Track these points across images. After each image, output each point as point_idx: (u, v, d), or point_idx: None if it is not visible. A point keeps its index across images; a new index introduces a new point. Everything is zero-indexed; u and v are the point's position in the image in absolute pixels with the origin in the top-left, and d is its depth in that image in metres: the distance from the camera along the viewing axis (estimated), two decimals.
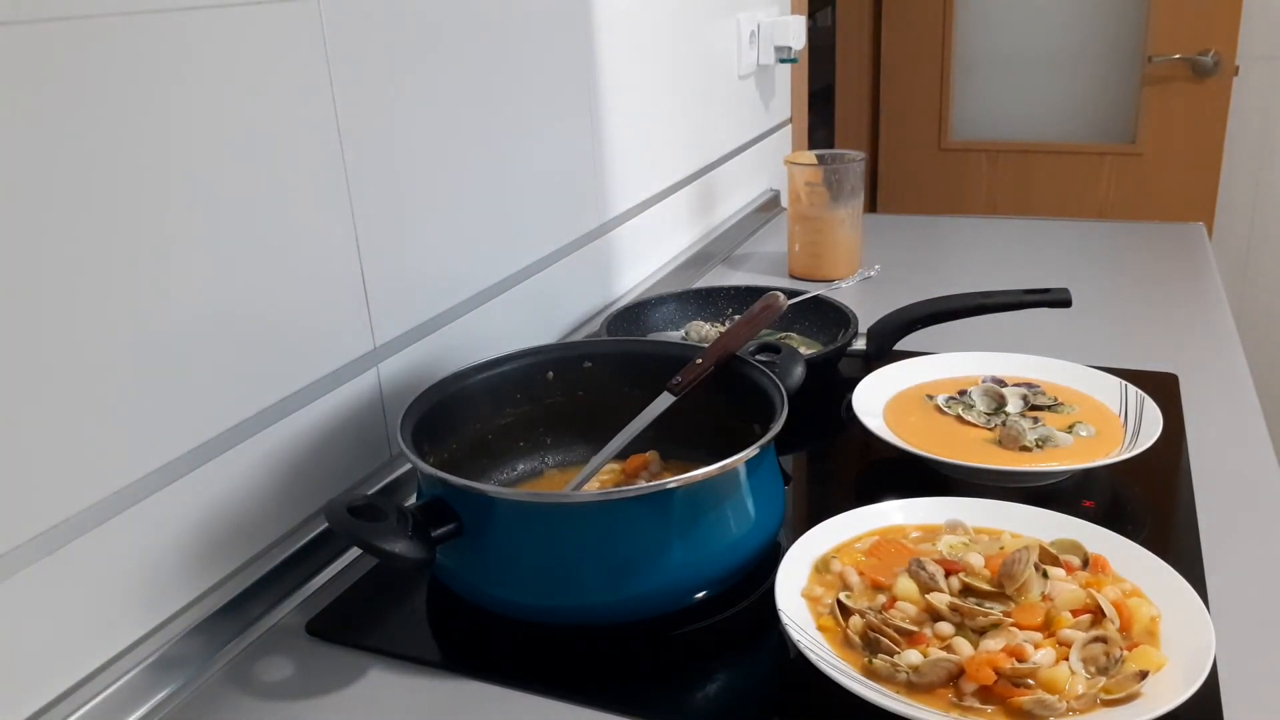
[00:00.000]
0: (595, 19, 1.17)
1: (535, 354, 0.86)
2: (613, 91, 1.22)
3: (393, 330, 0.87)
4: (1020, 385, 0.94)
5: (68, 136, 0.58)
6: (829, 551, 0.71)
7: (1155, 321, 1.19)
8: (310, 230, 0.77)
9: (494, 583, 0.68)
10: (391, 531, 0.63)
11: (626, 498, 0.65)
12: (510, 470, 0.86)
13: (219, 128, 0.68)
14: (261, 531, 0.75)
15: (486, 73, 0.97)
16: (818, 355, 1.00)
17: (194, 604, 0.70)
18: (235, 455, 0.72)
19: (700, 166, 1.54)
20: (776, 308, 0.84)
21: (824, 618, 0.65)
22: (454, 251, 0.94)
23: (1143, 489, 0.84)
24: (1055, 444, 0.85)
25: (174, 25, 0.64)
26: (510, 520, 0.67)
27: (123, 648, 0.65)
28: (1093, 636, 0.60)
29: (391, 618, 0.73)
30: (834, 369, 1.05)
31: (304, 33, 0.74)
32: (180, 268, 0.66)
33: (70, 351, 0.59)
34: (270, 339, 0.74)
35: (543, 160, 1.08)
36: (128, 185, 0.62)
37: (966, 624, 0.62)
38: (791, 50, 1.74)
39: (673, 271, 1.40)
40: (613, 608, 0.67)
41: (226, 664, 0.68)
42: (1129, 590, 0.65)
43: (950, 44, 2.67)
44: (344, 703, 0.64)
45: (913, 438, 0.87)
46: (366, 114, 0.81)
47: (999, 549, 0.69)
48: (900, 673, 0.59)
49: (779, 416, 0.71)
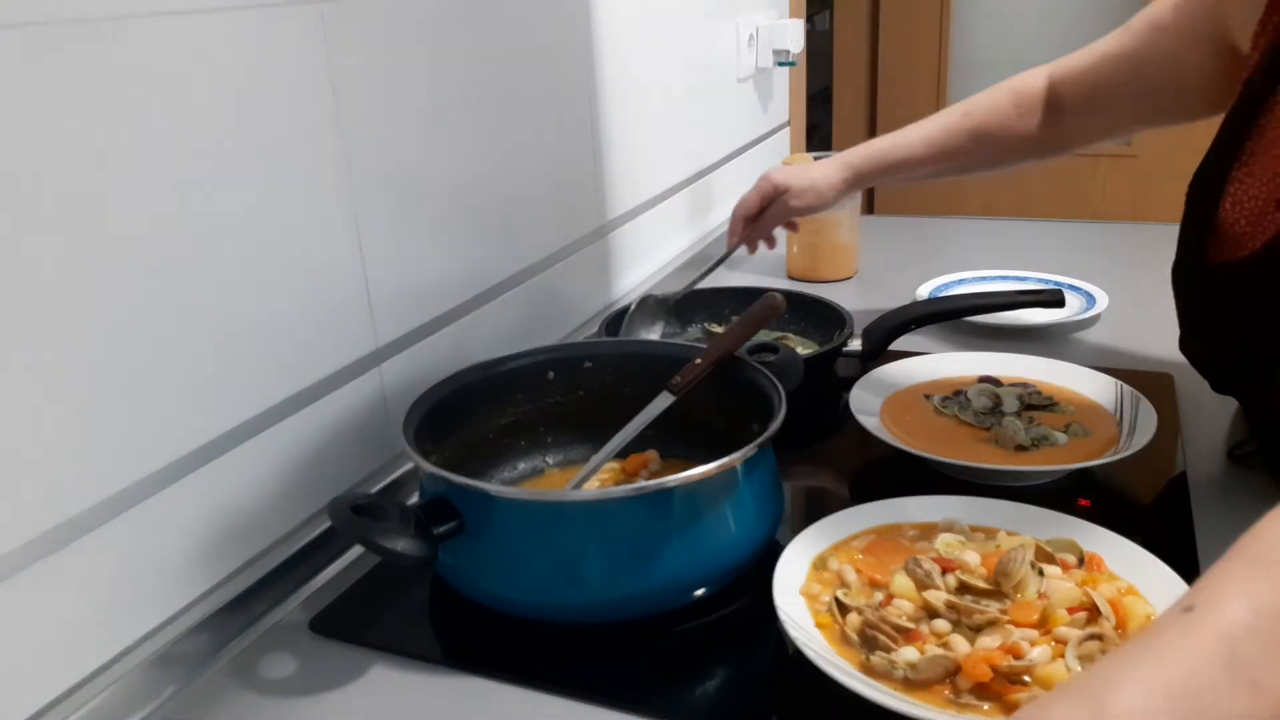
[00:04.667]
0: (595, 23, 1.17)
1: (536, 354, 0.87)
2: (613, 94, 1.23)
3: (395, 330, 0.87)
4: (1016, 385, 0.95)
5: (68, 138, 0.59)
6: (827, 550, 0.72)
7: (1151, 322, 1.19)
8: (313, 231, 0.77)
9: (495, 580, 0.68)
10: (394, 530, 0.64)
11: (626, 497, 0.66)
12: (511, 469, 0.87)
13: (220, 129, 0.68)
14: (265, 530, 0.76)
15: (487, 75, 0.97)
16: (814, 355, 1.01)
17: (198, 601, 0.70)
18: (239, 454, 0.72)
19: (699, 168, 1.55)
20: (776, 308, 0.84)
21: (822, 615, 0.65)
22: (455, 252, 0.95)
23: (1138, 488, 0.84)
24: (1051, 443, 0.86)
25: (174, 27, 0.64)
26: (511, 519, 0.67)
27: (126, 645, 0.65)
28: (1088, 634, 0.60)
29: (394, 615, 0.73)
30: (830, 369, 1.06)
31: (304, 33, 0.75)
32: (182, 268, 0.67)
33: (72, 351, 0.60)
34: (273, 339, 0.75)
35: (543, 161, 1.09)
36: (128, 186, 0.62)
37: (963, 621, 0.63)
38: (790, 53, 1.74)
39: (673, 272, 1.41)
40: (613, 605, 0.68)
41: (230, 661, 0.69)
42: (1124, 588, 0.66)
43: (947, 46, 2.68)
44: (347, 699, 0.65)
45: (910, 437, 0.87)
46: (367, 114, 0.82)
47: (995, 547, 0.70)
48: (897, 670, 0.60)
49: (777, 416, 0.72)
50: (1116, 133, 1.08)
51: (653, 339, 1.11)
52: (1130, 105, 0.99)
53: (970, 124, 1.07)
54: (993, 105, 1.07)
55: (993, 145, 1.07)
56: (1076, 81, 1.01)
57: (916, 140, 1.10)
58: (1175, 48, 0.91)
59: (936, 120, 1.10)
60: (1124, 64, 0.96)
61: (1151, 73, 0.94)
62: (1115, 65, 0.97)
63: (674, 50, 1.41)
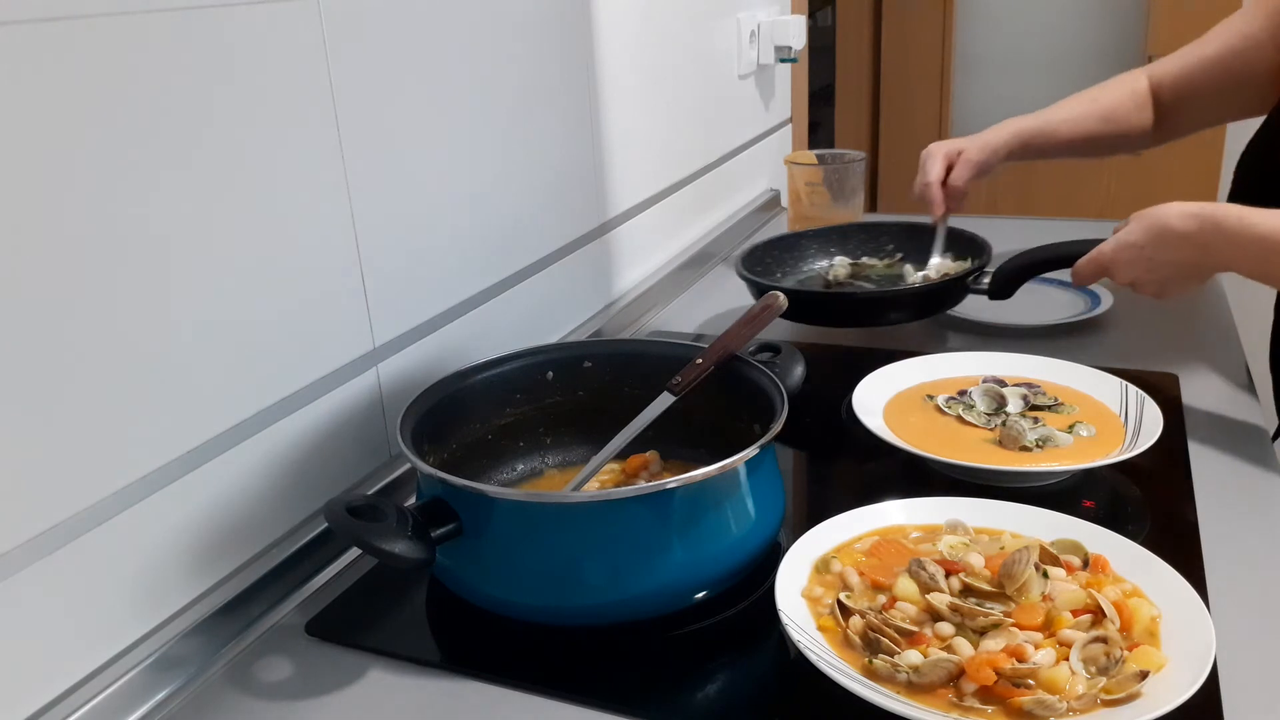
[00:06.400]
0: (595, 20, 1.17)
1: (535, 354, 0.86)
2: (613, 91, 1.22)
3: (392, 330, 0.87)
4: (1020, 385, 0.94)
5: (65, 138, 0.58)
6: (829, 552, 0.71)
7: (1155, 321, 1.19)
8: (310, 230, 0.77)
9: (494, 583, 0.68)
10: (391, 532, 0.63)
11: (626, 498, 0.65)
12: (510, 470, 0.86)
13: (219, 128, 0.68)
14: (261, 531, 0.75)
15: (486, 72, 0.97)
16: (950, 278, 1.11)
17: (194, 604, 0.70)
18: (235, 455, 0.72)
19: (700, 166, 1.54)
20: (776, 308, 0.84)
21: (824, 618, 0.65)
22: (453, 251, 0.94)
23: (1143, 489, 0.84)
24: (1055, 444, 0.85)
25: (173, 25, 0.64)
26: (510, 520, 0.67)
27: (123, 648, 0.65)
28: (1093, 637, 0.60)
29: (391, 618, 0.73)
30: (955, 297, 1.12)
31: (304, 33, 0.74)
32: (180, 268, 0.66)
33: (69, 352, 0.59)
34: (270, 339, 0.74)
35: (543, 159, 1.08)
36: (127, 186, 0.62)
37: (967, 624, 0.62)
38: (791, 50, 1.74)
39: (673, 271, 1.40)
40: (613, 608, 0.67)
41: (226, 664, 0.68)
42: (1129, 590, 0.65)
43: (950, 44, 2.67)
44: (343, 703, 0.64)
45: (913, 438, 0.86)
46: (366, 114, 0.81)
47: (999, 549, 0.69)
48: (900, 673, 0.59)
49: (779, 416, 0.71)
50: (1200, 128, 1.24)
51: (663, 338, 1.13)
52: (1216, 103, 1.16)
53: (1099, 109, 1.21)
54: (1115, 95, 1.21)
55: (1114, 131, 1.21)
56: (1172, 82, 1.18)
57: (1057, 119, 1.23)
58: (1257, 53, 1.09)
59: (1070, 102, 1.24)
60: (1213, 68, 1.14)
61: (1236, 73, 1.12)
62: (1205, 68, 1.15)
63: (675, 47, 1.40)
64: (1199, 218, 0.88)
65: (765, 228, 1.72)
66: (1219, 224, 0.87)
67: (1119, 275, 0.97)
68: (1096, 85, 1.24)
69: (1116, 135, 1.21)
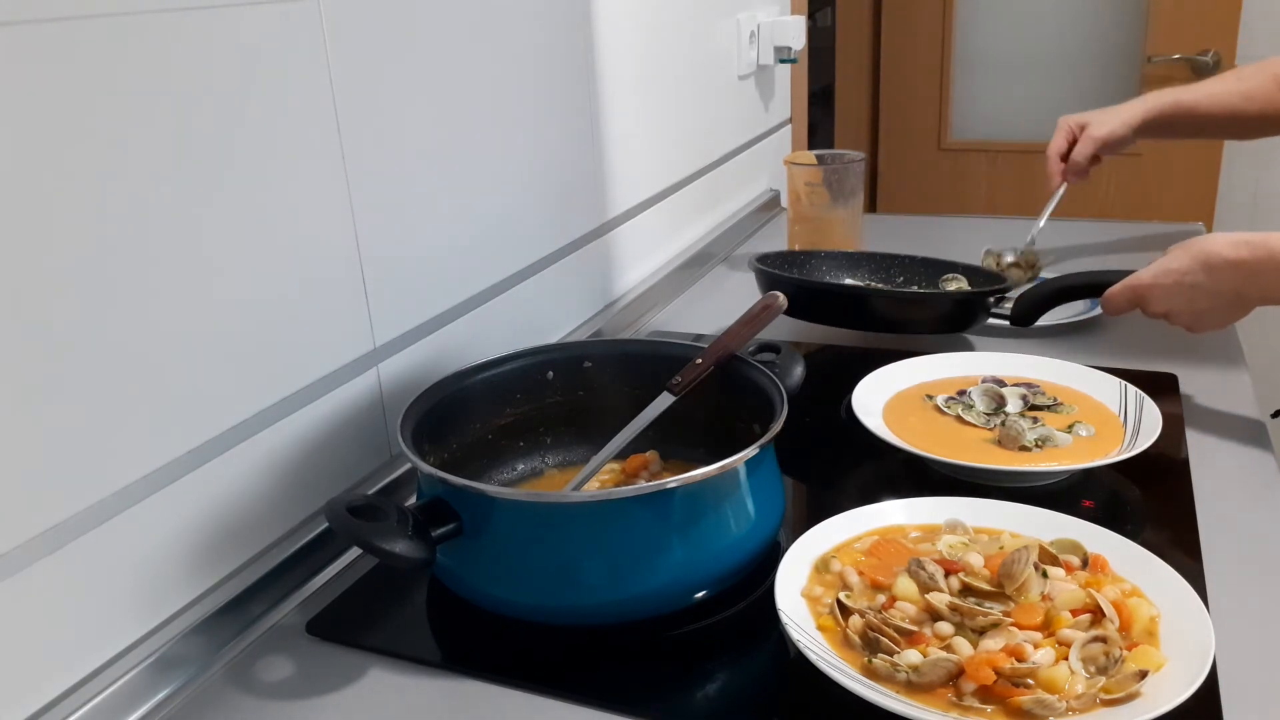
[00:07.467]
0: (595, 20, 1.17)
1: (535, 354, 0.86)
2: (613, 91, 1.22)
3: (393, 330, 0.87)
4: (1020, 385, 0.94)
5: (64, 137, 0.58)
6: (829, 551, 0.71)
7: (1155, 322, 1.19)
8: (310, 230, 0.77)
9: (494, 582, 0.68)
10: (392, 531, 0.63)
11: (626, 498, 0.65)
12: (510, 470, 0.86)
13: (218, 128, 0.68)
14: (262, 531, 0.75)
15: (486, 72, 0.97)
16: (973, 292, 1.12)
17: (194, 603, 0.70)
18: (236, 455, 0.72)
19: (700, 166, 1.54)
20: (776, 308, 0.84)
21: (824, 617, 0.65)
22: (453, 251, 0.94)
23: (1142, 489, 0.84)
24: (1055, 444, 0.85)
25: (173, 25, 0.64)
26: (510, 520, 0.67)
27: (123, 647, 0.65)
28: (1092, 636, 0.60)
29: (391, 617, 0.73)
30: (979, 312, 1.12)
31: (304, 33, 0.74)
32: (180, 268, 0.66)
33: (70, 352, 0.59)
34: (270, 339, 0.74)
35: (543, 160, 1.08)
36: (126, 186, 0.62)
37: (966, 624, 0.62)
38: (791, 50, 1.74)
39: (673, 272, 1.40)
40: (612, 607, 0.67)
41: (227, 664, 0.68)
42: (1128, 590, 0.66)
43: (950, 44, 2.67)
44: (344, 702, 0.64)
45: (912, 438, 0.87)
46: (366, 114, 0.81)
47: (998, 549, 0.69)
48: (900, 672, 0.59)
49: (779, 416, 0.71)
50: None
51: (658, 342, 1.11)
52: None
53: (1242, 87, 1.23)
54: (1256, 77, 1.24)
55: (1257, 110, 1.23)
56: None
57: (1202, 94, 1.24)
58: None
59: (1209, 81, 1.26)
60: None
61: None
62: None
63: (674, 47, 1.40)
64: (1251, 245, 0.87)
65: (765, 228, 1.72)
66: (1273, 251, 0.86)
67: (1153, 305, 0.94)
68: (1241, 66, 1.25)
69: (1259, 115, 1.22)
